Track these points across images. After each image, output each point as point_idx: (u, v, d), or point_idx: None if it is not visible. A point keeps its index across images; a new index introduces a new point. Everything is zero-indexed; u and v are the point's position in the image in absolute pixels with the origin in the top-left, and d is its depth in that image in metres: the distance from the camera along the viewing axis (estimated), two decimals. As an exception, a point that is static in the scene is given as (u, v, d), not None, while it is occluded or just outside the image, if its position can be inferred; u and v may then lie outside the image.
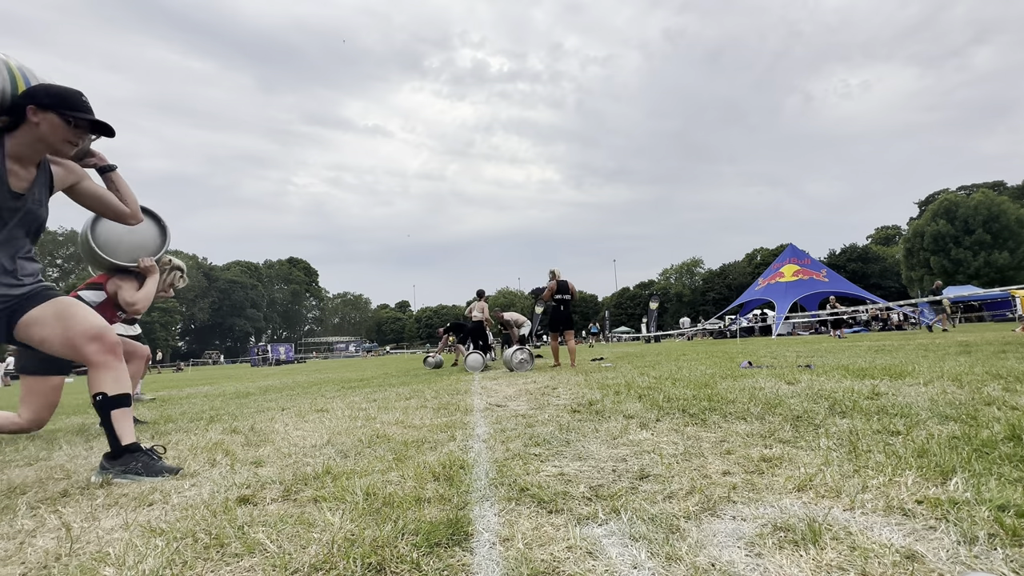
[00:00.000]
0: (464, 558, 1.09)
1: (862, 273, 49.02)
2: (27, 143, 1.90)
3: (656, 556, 1.04)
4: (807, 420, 2.25)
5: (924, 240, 41.50)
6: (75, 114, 1.92)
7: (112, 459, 1.99)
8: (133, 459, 1.97)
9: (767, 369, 5.00)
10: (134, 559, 1.16)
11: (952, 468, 1.41)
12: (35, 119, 1.88)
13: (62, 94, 1.92)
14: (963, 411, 2.20)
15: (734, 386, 3.67)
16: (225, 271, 70.96)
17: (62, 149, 1.97)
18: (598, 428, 2.42)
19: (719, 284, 61.03)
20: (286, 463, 2.09)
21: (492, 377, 6.63)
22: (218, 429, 3.20)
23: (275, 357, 47.25)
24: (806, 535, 1.06)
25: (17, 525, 1.48)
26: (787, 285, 24.21)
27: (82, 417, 4.67)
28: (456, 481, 1.64)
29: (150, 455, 2.01)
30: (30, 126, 1.88)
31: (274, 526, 1.31)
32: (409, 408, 3.67)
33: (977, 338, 8.68)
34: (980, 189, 44.58)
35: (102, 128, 2.02)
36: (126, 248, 3.41)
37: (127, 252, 3.42)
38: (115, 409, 2.02)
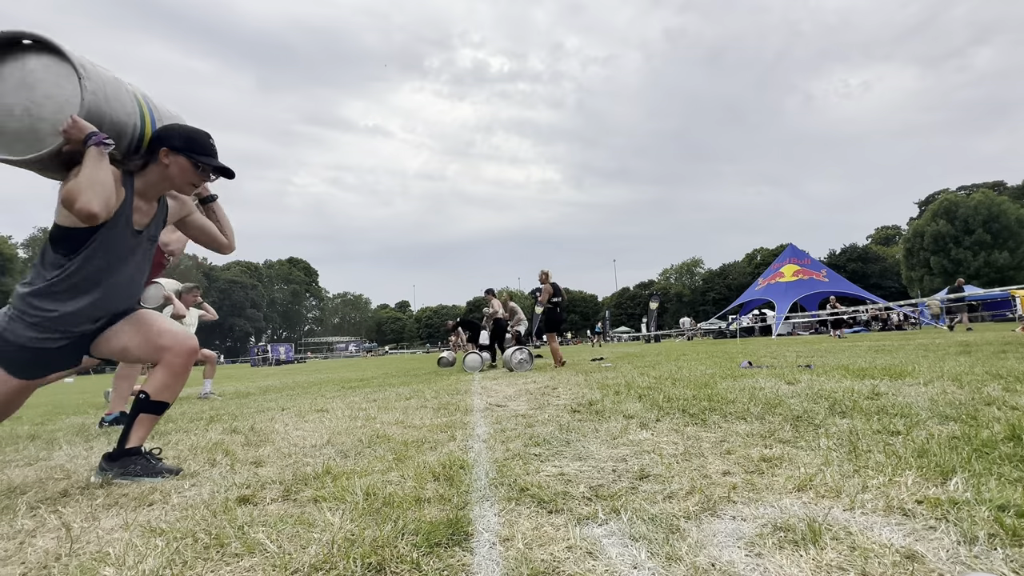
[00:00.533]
0: (464, 558, 1.09)
1: (862, 273, 49.03)
2: (154, 183, 1.94)
3: (656, 556, 1.04)
4: (807, 420, 2.25)
5: (924, 240, 41.52)
6: (204, 159, 1.96)
7: (111, 460, 1.99)
8: (131, 461, 1.98)
9: (767, 369, 5.00)
10: (134, 559, 1.16)
11: (952, 468, 1.41)
12: (166, 161, 1.91)
13: (194, 137, 1.95)
14: (963, 411, 2.20)
15: (734, 386, 3.67)
16: (225, 271, 70.96)
17: (185, 190, 2.02)
18: (598, 428, 2.42)
19: (719, 284, 61.05)
20: (286, 463, 2.09)
21: (492, 377, 6.63)
22: (218, 429, 3.20)
23: (275, 357, 47.26)
24: (806, 535, 1.06)
25: (17, 525, 1.48)
26: (787, 285, 24.22)
27: (82, 417, 4.67)
28: (456, 481, 1.64)
29: (148, 458, 2.01)
30: (160, 166, 1.91)
31: (274, 526, 1.31)
32: (409, 408, 3.67)
33: (977, 338, 8.68)
34: (980, 189, 44.60)
35: (225, 172, 2.04)
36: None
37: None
38: (145, 413, 2.03)
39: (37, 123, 1.71)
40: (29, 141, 1.71)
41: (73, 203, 1.66)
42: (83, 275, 1.84)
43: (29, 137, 1.71)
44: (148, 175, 1.92)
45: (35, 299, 1.81)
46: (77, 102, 1.70)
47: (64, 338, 1.87)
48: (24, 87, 1.73)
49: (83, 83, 1.72)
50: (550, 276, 8.05)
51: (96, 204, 1.66)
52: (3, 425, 4.33)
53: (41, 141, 1.71)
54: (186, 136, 1.94)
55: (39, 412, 5.46)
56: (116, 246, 1.88)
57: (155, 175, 1.93)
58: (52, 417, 4.81)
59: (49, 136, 1.70)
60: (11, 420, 4.70)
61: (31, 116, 1.71)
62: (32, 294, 1.81)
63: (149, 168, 1.92)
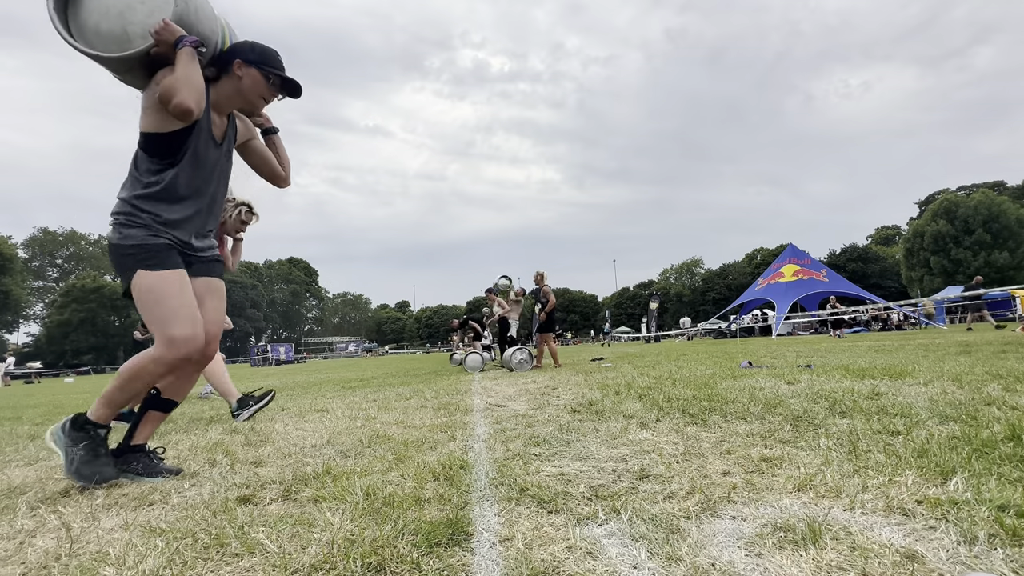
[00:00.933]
0: (464, 558, 1.09)
1: (862, 273, 49.03)
2: (228, 95, 1.98)
3: (656, 556, 1.04)
4: (807, 420, 2.25)
5: (924, 240, 41.52)
6: (274, 71, 2.00)
7: (115, 456, 1.98)
8: (135, 459, 1.98)
9: (767, 369, 5.00)
10: (134, 559, 1.16)
11: (952, 468, 1.41)
12: (239, 73, 1.96)
13: (265, 51, 2.00)
14: (963, 411, 2.19)
15: (734, 386, 3.67)
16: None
17: (256, 104, 2.05)
18: (598, 428, 2.42)
19: (719, 284, 61.04)
20: (286, 463, 2.09)
21: (492, 377, 6.63)
22: (218, 429, 3.20)
23: (275, 357, 47.27)
24: (806, 535, 1.06)
25: (17, 525, 1.48)
26: (787, 285, 24.20)
27: (82, 417, 4.67)
28: (456, 481, 1.64)
29: (151, 456, 2.01)
30: (233, 79, 1.97)
31: (274, 526, 1.31)
32: (409, 408, 3.67)
33: (977, 338, 8.68)
34: (980, 189, 44.60)
35: (292, 87, 2.06)
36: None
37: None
38: (154, 410, 2.03)
39: (129, 25, 1.83)
40: (121, 41, 1.83)
41: (170, 99, 1.71)
42: (183, 181, 1.89)
43: (121, 38, 1.83)
44: (222, 87, 1.97)
45: (140, 201, 1.84)
46: (170, 8, 1.81)
47: (172, 241, 1.89)
48: None
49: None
50: (546, 277, 8.06)
51: (192, 101, 1.72)
52: (3, 425, 4.33)
53: (131, 42, 1.82)
54: (260, 50, 1.99)
55: (39, 412, 5.46)
56: (204, 156, 1.93)
57: (229, 87, 1.97)
58: (52, 417, 4.81)
59: (138, 38, 1.82)
60: (11, 420, 4.71)
61: (124, 18, 1.83)
62: (136, 197, 1.84)
63: (222, 80, 1.97)
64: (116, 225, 1.85)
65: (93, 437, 1.88)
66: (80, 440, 1.86)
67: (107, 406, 1.89)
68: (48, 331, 53.90)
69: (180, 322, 1.82)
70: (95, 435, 1.89)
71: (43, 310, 58.43)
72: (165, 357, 1.81)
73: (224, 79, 1.96)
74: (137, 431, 2.02)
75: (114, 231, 1.85)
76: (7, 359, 24.81)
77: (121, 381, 1.86)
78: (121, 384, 1.86)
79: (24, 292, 53.52)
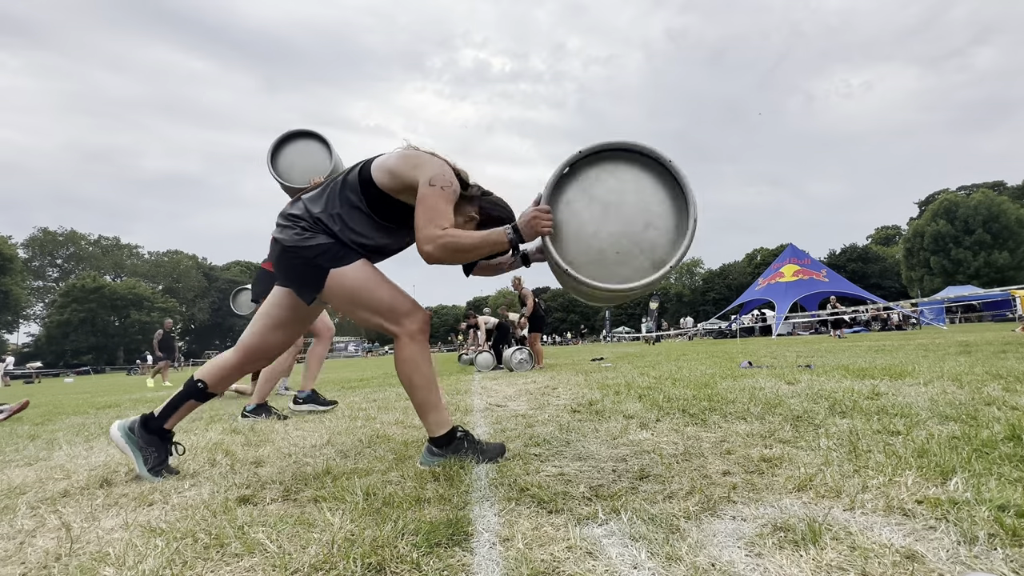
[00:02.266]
0: (464, 558, 1.09)
1: (862, 273, 49.00)
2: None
3: (656, 556, 1.04)
4: (807, 420, 2.25)
5: (924, 240, 41.51)
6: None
7: (143, 426, 1.95)
8: (156, 443, 1.95)
9: (767, 369, 5.00)
10: (134, 559, 1.16)
11: (952, 468, 1.41)
12: (473, 214, 1.94)
13: (506, 218, 1.96)
14: (963, 411, 2.19)
15: (734, 386, 3.67)
16: (225, 271, 71.00)
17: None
18: (598, 428, 2.42)
19: (719, 284, 61.03)
20: (286, 463, 2.09)
21: (492, 377, 6.63)
22: (218, 429, 3.20)
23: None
24: (806, 535, 1.06)
25: (17, 525, 1.48)
26: (787, 285, 24.19)
27: (82, 417, 4.67)
28: (456, 481, 1.64)
29: (168, 449, 1.99)
30: (465, 213, 1.93)
31: (274, 526, 1.31)
32: (409, 408, 3.67)
33: (977, 338, 8.68)
34: (980, 189, 44.58)
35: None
36: (299, 171, 3.37)
37: (300, 175, 3.36)
38: (194, 399, 2.01)
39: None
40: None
41: (437, 241, 1.69)
42: (379, 238, 1.93)
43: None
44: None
45: (347, 221, 1.86)
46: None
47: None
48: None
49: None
50: (523, 281, 8.20)
51: (443, 260, 1.74)
52: (3, 425, 4.33)
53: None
54: (500, 215, 1.95)
55: (39, 412, 5.46)
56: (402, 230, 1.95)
57: (458, 217, 1.94)
58: (52, 417, 4.81)
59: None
60: (11, 420, 4.70)
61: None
62: (342, 214, 1.85)
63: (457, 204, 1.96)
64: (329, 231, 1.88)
65: (170, 440, 1.99)
66: (154, 443, 1.94)
67: (433, 413, 1.91)
68: (48, 331, 53.89)
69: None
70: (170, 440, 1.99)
71: (43, 310, 58.44)
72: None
73: (459, 205, 1.89)
74: (173, 416, 1.98)
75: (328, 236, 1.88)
76: (7, 359, 24.81)
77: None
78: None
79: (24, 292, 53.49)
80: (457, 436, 1.91)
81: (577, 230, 1.62)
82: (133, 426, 1.96)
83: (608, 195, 1.63)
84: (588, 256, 1.60)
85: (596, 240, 1.60)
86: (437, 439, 1.89)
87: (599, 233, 1.61)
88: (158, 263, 67.82)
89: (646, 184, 1.64)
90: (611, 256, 1.61)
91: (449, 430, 1.90)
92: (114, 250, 66.63)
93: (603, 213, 1.62)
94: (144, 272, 66.00)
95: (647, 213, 1.61)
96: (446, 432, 1.89)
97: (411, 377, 1.87)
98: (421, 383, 1.88)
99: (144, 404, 5.82)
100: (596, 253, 1.60)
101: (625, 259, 1.60)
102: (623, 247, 1.60)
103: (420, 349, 1.88)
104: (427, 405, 1.89)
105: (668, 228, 1.61)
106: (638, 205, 1.62)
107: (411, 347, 1.86)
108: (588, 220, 1.63)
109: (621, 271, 1.61)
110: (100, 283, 53.98)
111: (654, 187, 1.64)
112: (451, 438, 1.89)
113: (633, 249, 1.60)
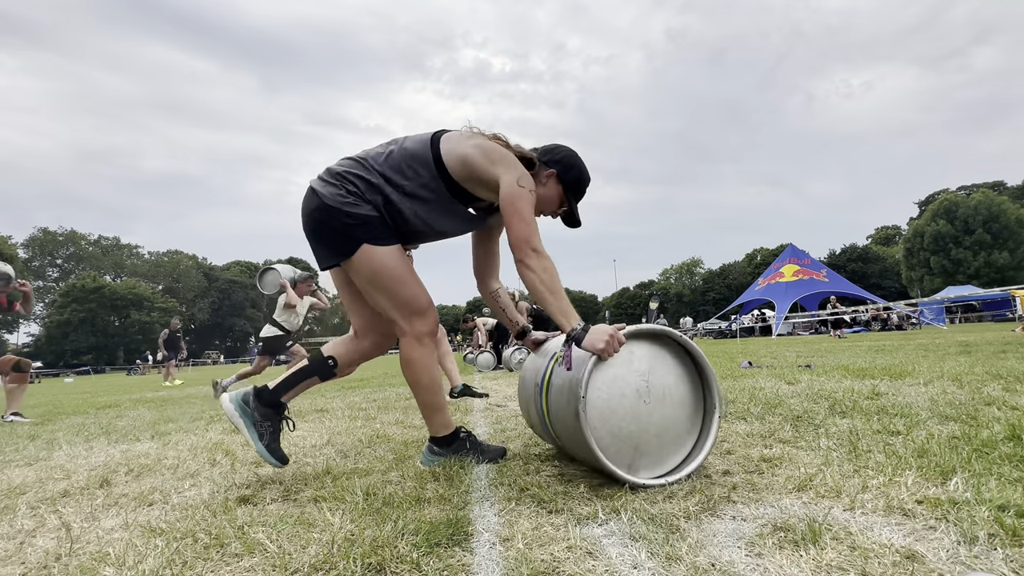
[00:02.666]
0: (464, 558, 1.09)
1: (862, 273, 49.00)
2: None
3: (656, 556, 1.04)
4: (807, 420, 2.25)
5: (924, 240, 41.51)
6: (574, 202, 1.90)
7: (257, 398, 1.84)
8: (272, 416, 1.84)
9: (767, 369, 5.00)
10: (134, 559, 1.16)
11: (952, 468, 1.41)
12: (544, 180, 1.84)
13: (580, 180, 1.89)
14: (963, 411, 2.19)
15: (734, 386, 3.67)
16: (225, 271, 70.97)
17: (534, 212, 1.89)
18: (598, 428, 2.42)
19: (719, 284, 61.03)
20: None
21: (492, 377, 6.63)
22: (218, 429, 3.20)
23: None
24: (806, 535, 1.06)
25: (17, 525, 1.48)
26: (787, 285, 24.19)
27: (82, 417, 4.67)
28: (456, 481, 1.64)
29: (283, 422, 1.88)
30: (537, 180, 1.82)
31: (274, 526, 1.31)
32: (409, 408, 3.67)
33: (977, 338, 8.68)
34: (980, 189, 44.57)
35: (573, 221, 1.94)
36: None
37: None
38: (319, 376, 1.92)
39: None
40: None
41: (533, 266, 1.61)
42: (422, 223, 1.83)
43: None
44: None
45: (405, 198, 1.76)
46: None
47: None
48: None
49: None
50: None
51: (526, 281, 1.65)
52: (3, 425, 4.33)
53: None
54: (576, 177, 1.87)
55: (39, 412, 5.46)
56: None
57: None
58: (52, 417, 4.81)
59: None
60: (11, 421, 4.70)
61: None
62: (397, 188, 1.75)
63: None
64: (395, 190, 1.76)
65: (283, 416, 1.87)
66: (270, 416, 1.83)
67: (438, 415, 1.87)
68: (48, 331, 53.86)
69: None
70: (284, 413, 1.87)
71: (43, 310, 58.39)
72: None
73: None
74: (291, 391, 1.87)
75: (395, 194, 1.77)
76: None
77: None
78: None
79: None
80: (460, 437, 1.90)
81: (606, 403, 1.52)
82: (247, 398, 1.83)
83: (662, 382, 1.57)
84: (601, 420, 1.51)
85: (615, 418, 1.52)
86: (439, 439, 1.88)
87: (625, 417, 1.53)
88: (158, 263, 67.83)
89: (688, 404, 1.60)
90: (624, 434, 1.53)
91: (452, 431, 1.89)
92: (114, 250, 66.64)
93: (636, 402, 1.54)
94: (144, 272, 65.99)
95: (665, 430, 1.56)
96: (449, 433, 1.89)
97: (418, 378, 1.84)
98: (428, 384, 1.84)
99: (144, 404, 5.82)
100: (612, 425, 1.52)
101: (616, 439, 1.52)
102: (624, 430, 1.53)
103: (427, 353, 1.83)
104: (433, 406, 1.87)
105: (663, 448, 1.57)
106: (671, 418, 1.57)
107: (417, 350, 1.81)
108: (622, 399, 1.53)
109: (605, 444, 1.52)
110: (100, 283, 53.95)
111: (691, 409, 1.61)
112: (453, 439, 1.89)
113: (629, 438, 1.53)
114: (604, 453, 1.46)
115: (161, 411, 4.75)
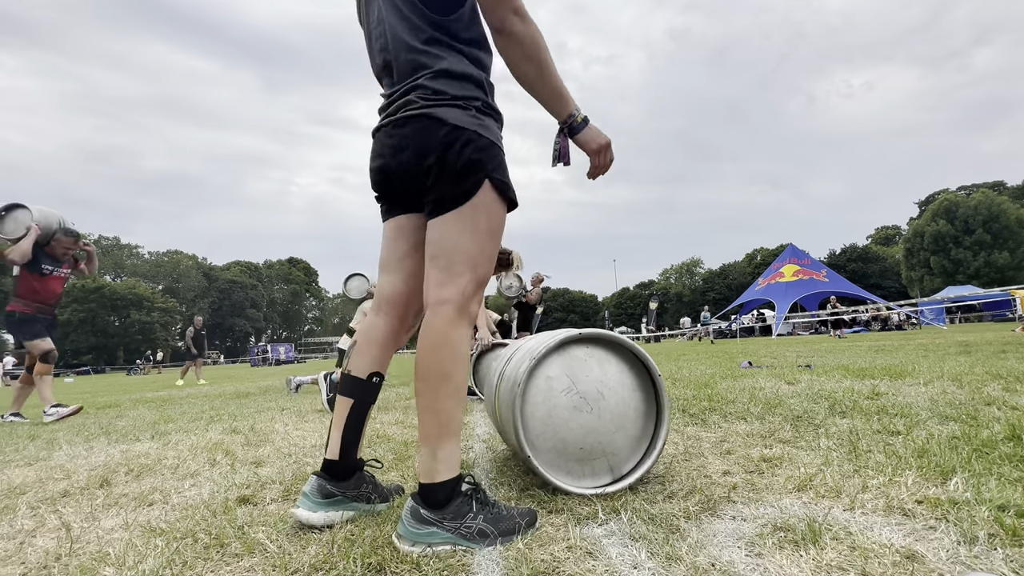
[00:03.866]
0: (464, 558, 1.09)
1: (862, 273, 48.98)
2: None
3: (656, 556, 1.04)
4: (807, 420, 2.25)
5: (924, 240, 41.48)
6: None
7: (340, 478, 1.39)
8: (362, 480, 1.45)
9: (767, 369, 5.00)
10: (134, 559, 1.16)
11: (952, 468, 1.41)
12: None
13: None
14: (963, 411, 2.19)
15: (734, 386, 3.67)
16: (225, 271, 70.95)
17: None
18: (598, 428, 2.42)
19: (719, 284, 61.01)
20: (286, 463, 2.09)
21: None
22: (218, 429, 3.20)
23: (275, 357, 47.23)
24: (806, 535, 1.06)
25: (17, 525, 1.48)
26: (787, 285, 24.19)
27: (82, 417, 4.67)
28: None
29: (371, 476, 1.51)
30: None
31: (274, 526, 1.31)
32: (409, 408, 3.67)
33: (977, 338, 8.67)
34: (980, 189, 44.55)
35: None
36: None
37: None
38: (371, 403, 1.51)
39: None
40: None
41: (526, 15, 1.29)
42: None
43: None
44: None
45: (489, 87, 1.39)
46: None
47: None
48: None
49: None
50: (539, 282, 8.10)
51: (521, 41, 1.31)
52: (3, 425, 4.33)
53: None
54: None
55: (38, 412, 5.46)
56: None
57: None
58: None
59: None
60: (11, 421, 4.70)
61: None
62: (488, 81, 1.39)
63: None
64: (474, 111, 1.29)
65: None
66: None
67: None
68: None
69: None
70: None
71: (43, 310, 58.35)
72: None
73: None
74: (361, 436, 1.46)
75: (471, 115, 1.28)
76: (6, 359, 24.81)
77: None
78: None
79: (24, 292, 53.33)
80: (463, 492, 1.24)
81: (548, 413, 1.47)
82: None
83: (591, 384, 1.51)
84: (551, 443, 1.47)
85: (575, 445, 1.47)
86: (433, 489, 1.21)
87: (586, 436, 1.48)
88: (158, 263, 67.82)
89: (627, 383, 1.56)
90: (574, 451, 1.48)
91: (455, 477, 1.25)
92: (114, 250, 66.60)
93: (582, 416, 1.48)
94: (144, 272, 65.99)
95: (622, 418, 1.52)
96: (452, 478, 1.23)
97: (449, 369, 1.25)
98: (459, 386, 1.29)
99: (144, 404, 5.82)
100: (559, 442, 1.47)
101: (587, 456, 1.48)
102: (588, 444, 1.48)
103: (466, 336, 1.28)
104: (449, 425, 1.30)
105: (635, 436, 1.53)
106: (619, 403, 1.52)
107: (460, 327, 1.25)
108: (568, 424, 1.48)
109: (579, 468, 1.49)
110: (100, 283, 53.95)
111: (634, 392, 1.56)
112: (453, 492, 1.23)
113: (596, 450, 1.49)
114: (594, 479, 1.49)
115: (161, 411, 4.75)
